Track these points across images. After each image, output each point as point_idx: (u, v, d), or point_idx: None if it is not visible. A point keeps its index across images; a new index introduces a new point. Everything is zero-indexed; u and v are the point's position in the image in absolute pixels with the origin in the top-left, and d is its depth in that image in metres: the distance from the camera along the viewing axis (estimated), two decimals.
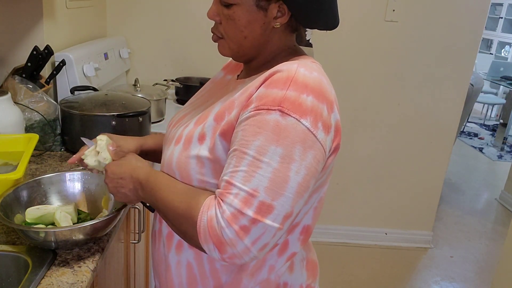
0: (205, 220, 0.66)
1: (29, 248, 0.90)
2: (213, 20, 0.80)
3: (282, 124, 0.66)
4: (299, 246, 0.83)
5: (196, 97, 0.96)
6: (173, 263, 0.84)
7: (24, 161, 1.03)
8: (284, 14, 0.75)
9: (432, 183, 2.69)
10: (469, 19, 2.37)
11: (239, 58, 0.83)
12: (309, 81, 0.69)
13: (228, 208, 0.65)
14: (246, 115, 0.69)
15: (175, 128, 0.86)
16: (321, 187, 0.80)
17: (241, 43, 0.78)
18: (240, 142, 0.68)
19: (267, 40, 0.79)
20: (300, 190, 0.67)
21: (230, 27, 0.77)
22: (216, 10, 0.78)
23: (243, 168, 0.66)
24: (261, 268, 0.80)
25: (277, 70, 0.72)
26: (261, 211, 0.64)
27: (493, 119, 6.22)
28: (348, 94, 2.47)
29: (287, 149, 0.66)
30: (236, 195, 0.65)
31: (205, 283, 0.81)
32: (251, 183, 0.65)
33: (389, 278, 2.51)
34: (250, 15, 0.75)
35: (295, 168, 0.66)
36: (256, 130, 0.67)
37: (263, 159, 0.66)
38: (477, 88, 3.44)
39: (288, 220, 0.67)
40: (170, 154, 0.80)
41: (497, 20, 6.78)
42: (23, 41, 1.55)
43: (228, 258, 0.66)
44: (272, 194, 0.65)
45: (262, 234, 0.65)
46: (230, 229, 0.64)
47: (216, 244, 0.65)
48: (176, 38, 2.33)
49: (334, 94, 0.75)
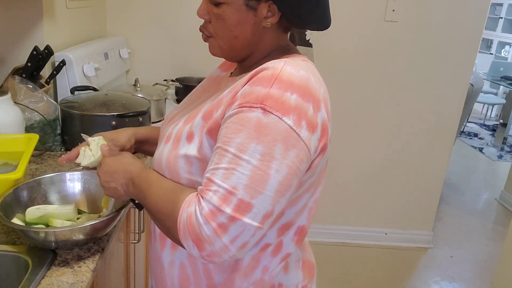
0: (185, 217, 0.66)
1: (29, 248, 0.90)
2: (202, 18, 0.79)
3: (263, 121, 0.66)
4: (293, 247, 0.82)
5: (191, 95, 0.96)
6: (166, 262, 0.84)
7: (24, 161, 1.03)
8: (274, 14, 0.75)
9: (432, 183, 2.69)
10: (469, 19, 2.37)
11: (231, 59, 0.83)
12: (294, 79, 0.69)
13: (206, 205, 0.64)
14: (230, 113, 0.69)
15: (167, 126, 0.87)
16: (313, 187, 0.79)
17: (232, 43, 0.78)
18: (222, 140, 0.68)
19: (259, 40, 0.78)
20: (281, 189, 0.66)
21: (219, 27, 0.77)
22: (206, 8, 0.78)
23: (223, 165, 0.66)
24: (255, 268, 0.80)
25: (262, 68, 0.71)
26: (239, 209, 0.64)
27: (493, 119, 6.22)
28: (348, 94, 2.47)
29: (267, 147, 0.65)
30: (215, 192, 0.65)
31: (198, 283, 0.81)
32: (230, 181, 0.64)
33: (389, 278, 2.51)
34: (240, 14, 0.74)
35: (275, 166, 0.65)
36: (238, 127, 0.67)
37: (243, 156, 0.65)
38: (477, 88, 3.44)
39: (268, 219, 0.67)
40: (160, 153, 0.80)
41: (497, 20, 6.78)
42: (23, 41, 1.55)
43: (207, 256, 0.66)
44: (251, 192, 0.64)
45: (241, 232, 0.64)
46: (208, 226, 0.64)
47: (195, 241, 0.65)
48: (176, 38, 2.33)
49: (323, 93, 0.73)
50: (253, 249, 0.79)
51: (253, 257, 0.79)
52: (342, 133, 2.52)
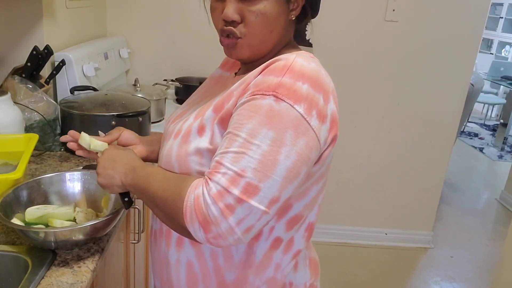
0: (192, 199, 0.66)
1: (29, 248, 0.90)
2: (232, 19, 0.74)
3: (275, 108, 0.67)
4: (304, 244, 0.83)
5: (194, 95, 0.96)
6: (172, 261, 0.83)
7: (24, 161, 1.03)
8: (298, 5, 0.77)
9: (432, 183, 2.69)
10: (469, 19, 2.37)
11: (256, 56, 0.79)
12: (306, 70, 0.70)
13: (215, 186, 0.65)
14: (242, 101, 0.70)
15: (174, 123, 0.86)
16: (321, 179, 0.80)
17: (265, 39, 0.77)
18: (233, 126, 0.69)
19: (285, 34, 0.79)
20: (289, 175, 0.67)
21: (259, 23, 0.74)
22: (237, 8, 0.74)
23: (233, 149, 0.66)
24: (267, 265, 0.80)
25: (275, 59, 0.72)
26: (247, 192, 0.64)
27: (493, 119, 6.22)
28: (348, 94, 2.47)
29: (278, 133, 0.66)
30: (224, 174, 0.65)
31: (207, 281, 0.81)
32: (239, 164, 0.65)
33: (389, 278, 2.51)
34: (279, 7, 0.75)
35: (285, 152, 0.66)
36: (250, 114, 0.67)
37: (253, 141, 0.66)
38: (477, 88, 3.44)
39: (275, 205, 0.67)
40: (169, 148, 0.79)
41: (497, 20, 6.78)
42: (23, 41, 1.55)
43: (212, 238, 0.66)
44: (259, 176, 0.65)
45: (247, 215, 0.65)
46: (215, 206, 0.64)
47: (202, 222, 0.65)
48: (176, 38, 2.33)
49: (332, 86, 0.74)
50: (264, 244, 0.79)
51: (265, 253, 0.79)
52: (342, 133, 2.48)
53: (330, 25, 2.35)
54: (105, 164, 0.83)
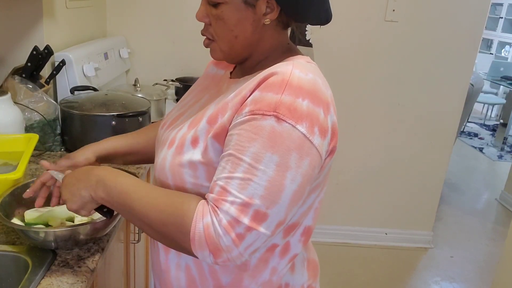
0: (201, 228, 0.65)
1: (29, 248, 0.90)
2: (202, 21, 0.77)
3: (277, 130, 0.66)
4: (300, 247, 0.83)
5: (189, 95, 0.94)
6: (172, 265, 0.83)
7: (24, 161, 1.03)
8: (273, 10, 0.74)
9: (432, 183, 2.69)
10: (469, 19, 2.37)
11: (232, 60, 0.82)
12: (304, 83, 0.68)
13: (225, 217, 0.65)
14: (241, 119, 0.68)
15: (169, 130, 0.85)
16: (319, 187, 0.79)
17: (232, 44, 0.77)
18: (235, 147, 0.67)
19: (259, 39, 0.77)
20: (295, 198, 0.68)
21: (220, 28, 0.75)
22: (205, 11, 0.76)
23: (239, 175, 0.66)
24: (263, 269, 0.80)
25: (271, 72, 0.70)
26: (256, 219, 0.65)
27: (493, 119, 6.22)
28: (348, 94, 2.47)
29: (283, 156, 0.66)
30: (232, 203, 0.65)
31: (205, 284, 0.81)
32: (247, 191, 0.65)
33: (389, 278, 2.51)
34: (239, 13, 0.73)
35: (290, 176, 0.66)
36: (252, 136, 0.66)
37: (258, 166, 0.65)
38: (477, 88, 3.44)
39: (280, 228, 0.68)
40: (163, 158, 0.79)
41: (497, 20, 6.78)
42: (23, 41, 1.55)
43: (221, 262, 0.67)
44: (267, 202, 0.65)
45: (255, 240, 0.66)
46: (227, 237, 0.64)
47: (212, 251, 0.65)
48: (176, 38, 2.33)
49: (330, 95, 0.73)
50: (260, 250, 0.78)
51: (260, 258, 0.79)
52: (342, 133, 2.49)
53: (330, 25, 2.32)
54: (68, 189, 0.79)
